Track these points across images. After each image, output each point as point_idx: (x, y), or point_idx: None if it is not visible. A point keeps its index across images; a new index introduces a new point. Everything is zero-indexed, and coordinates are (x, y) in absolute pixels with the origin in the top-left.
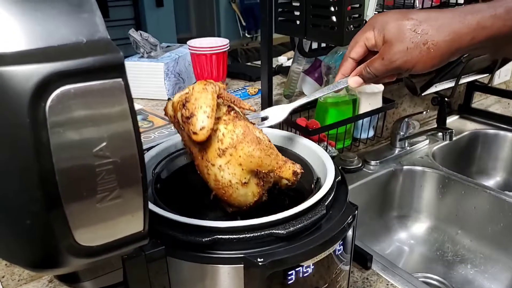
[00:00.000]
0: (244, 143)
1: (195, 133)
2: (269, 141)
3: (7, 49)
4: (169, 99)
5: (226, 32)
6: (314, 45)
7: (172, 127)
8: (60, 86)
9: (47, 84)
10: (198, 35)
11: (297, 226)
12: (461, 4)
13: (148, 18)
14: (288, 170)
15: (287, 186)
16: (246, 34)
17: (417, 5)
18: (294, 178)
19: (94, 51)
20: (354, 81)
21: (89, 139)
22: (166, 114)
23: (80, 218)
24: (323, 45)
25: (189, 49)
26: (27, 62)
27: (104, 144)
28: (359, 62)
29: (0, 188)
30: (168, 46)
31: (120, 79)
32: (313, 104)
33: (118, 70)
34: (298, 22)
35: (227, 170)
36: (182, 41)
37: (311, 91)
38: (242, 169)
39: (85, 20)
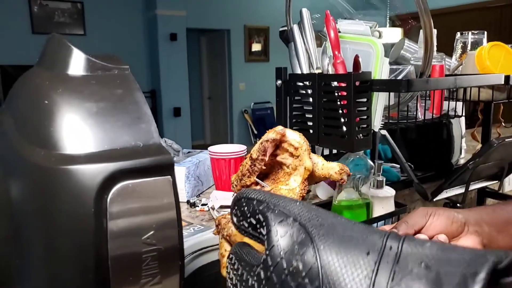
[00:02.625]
0: None
1: None
2: None
3: (80, 151)
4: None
5: (239, 139)
6: (326, 151)
7: (192, 229)
8: (121, 181)
9: (111, 180)
10: (212, 142)
11: None
12: (458, 114)
13: (166, 126)
14: None
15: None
16: (257, 142)
17: (420, 117)
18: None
19: (149, 153)
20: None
21: (140, 228)
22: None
23: None
24: (334, 151)
25: (209, 154)
26: (95, 161)
27: (152, 232)
28: None
29: (58, 270)
30: (189, 152)
31: (169, 177)
32: (327, 207)
33: (168, 169)
34: (311, 131)
35: None
36: (197, 147)
37: (325, 195)
38: None
39: (143, 129)
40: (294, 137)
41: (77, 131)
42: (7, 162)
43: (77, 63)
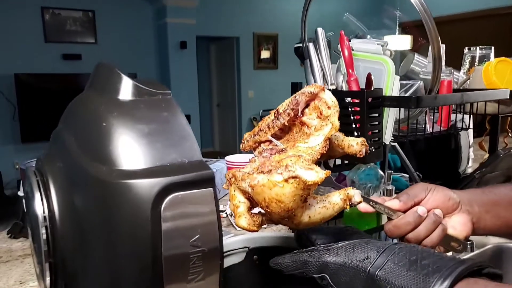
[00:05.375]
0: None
1: None
2: None
3: (136, 167)
4: None
5: None
6: (338, 161)
7: None
8: (172, 193)
9: (164, 192)
10: (221, 149)
11: None
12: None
13: None
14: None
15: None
16: None
17: (428, 129)
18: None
19: (194, 168)
20: (393, 202)
21: (188, 232)
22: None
23: None
24: (346, 161)
25: (226, 163)
26: (150, 176)
27: (197, 236)
28: None
29: (119, 268)
30: (206, 161)
31: (211, 188)
32: (339, 214)
33: (210, 182)
34: None
35: None
36: (206, 155)
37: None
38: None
39: (188, 148)
40: (330, 95)
41: (133, 149)
42: (71, 175)
43: (126, 89)
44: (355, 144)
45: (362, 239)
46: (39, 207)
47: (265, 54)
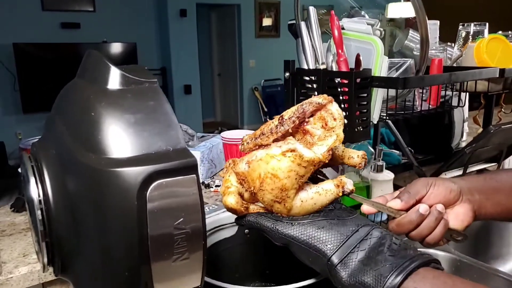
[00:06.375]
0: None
1: None
2: None
3: (123, 155)
4: None
5: (249, 117)
6: None
7: (207, 208)
8: (157, 180)
9: (149, 179)
10: (222, 119)
11: None
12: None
13: (177, 104)
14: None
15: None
16: (267, 119)
17: (417, 107)
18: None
19: (178, 156)
20: (395, 203)
21: (172, 216)
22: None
23: (160, 272)
24: None
25: (221, 139)
26: (136, 164)
27: (181, 219)
28: None
29: (109, 247)
30: (202, 136)
31: (194, 175)
32: None
33: (193, 169)
34: None
35: None
36: (207, 125)
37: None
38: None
39: (172, 136)
40: (337, 108)
41: (120, 139)
42: (63, 161)
43: (114, 79)
44: (355, 157)
45: (338, 217)
46: (34, 191)
47: (266, 22)
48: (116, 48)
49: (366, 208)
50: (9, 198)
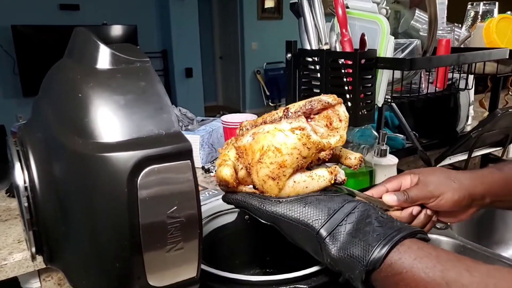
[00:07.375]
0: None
1: None
2: None
3: (112, 140)
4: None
5: (251, 101)
6: None
7: (207, 193)
8: (148, 166)
9: (139, 165)
10: (224, 103)
11: (320, 282)
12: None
13: (178, 88)
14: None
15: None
16: (270, 103)
17: (423, 90)
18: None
19: (171, 141)
20: (390, 198)
21: (165, 204)
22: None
23: (153, 263)
24: None
25: (222, 123)
26: (126, 149)
27: (175, 208)
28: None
29: (100, 237)
30: (202, 120)
31: (189, 161)
32: None
33: (188, 154)
34: None
35: None
36: (209, 109)
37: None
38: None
39: (165, 119)
40: (344, 110)
41: (109, 122)
42: (49, 146)
43: (104, 58)
44: (352, 158)
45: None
46: (20, 177)
47: (269, 3)
48: (116, 30)
49: (358, 199)
50: (9, 181)
